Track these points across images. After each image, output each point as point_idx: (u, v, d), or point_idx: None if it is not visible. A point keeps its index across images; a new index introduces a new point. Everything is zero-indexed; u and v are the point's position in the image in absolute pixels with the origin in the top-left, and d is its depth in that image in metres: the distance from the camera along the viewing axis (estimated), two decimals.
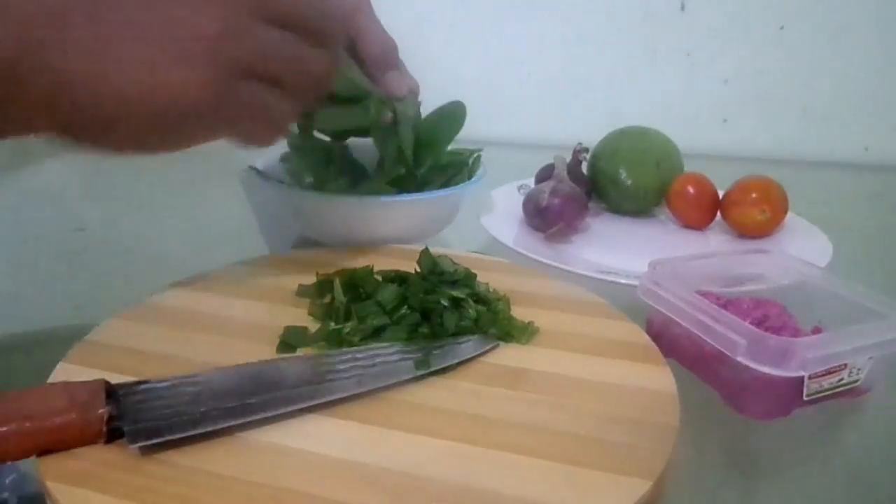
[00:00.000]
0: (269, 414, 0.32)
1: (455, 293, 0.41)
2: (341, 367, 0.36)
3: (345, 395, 0.34)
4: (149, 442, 0.29)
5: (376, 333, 0.39)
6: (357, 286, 0.42)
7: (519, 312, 0.42)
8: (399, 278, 0.43)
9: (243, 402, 0.32)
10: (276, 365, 0.36)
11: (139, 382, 0.33)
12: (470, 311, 0.41)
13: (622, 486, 0.29)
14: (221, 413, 0.31)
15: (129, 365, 0.36)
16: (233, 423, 0.31)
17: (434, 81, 1.14)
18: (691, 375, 0.41)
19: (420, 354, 0.37)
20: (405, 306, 0.41)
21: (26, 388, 0.30)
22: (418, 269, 0.45)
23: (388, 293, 0.41)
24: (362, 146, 0.58)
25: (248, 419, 0.31)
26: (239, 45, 0.33)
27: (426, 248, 0.46)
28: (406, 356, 0.37)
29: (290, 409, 0.32)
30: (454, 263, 0.45)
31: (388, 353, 0.37)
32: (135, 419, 0.30)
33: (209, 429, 0.31)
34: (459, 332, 0.40)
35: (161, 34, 0.31)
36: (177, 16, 0.31)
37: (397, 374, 0.36)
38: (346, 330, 0.39)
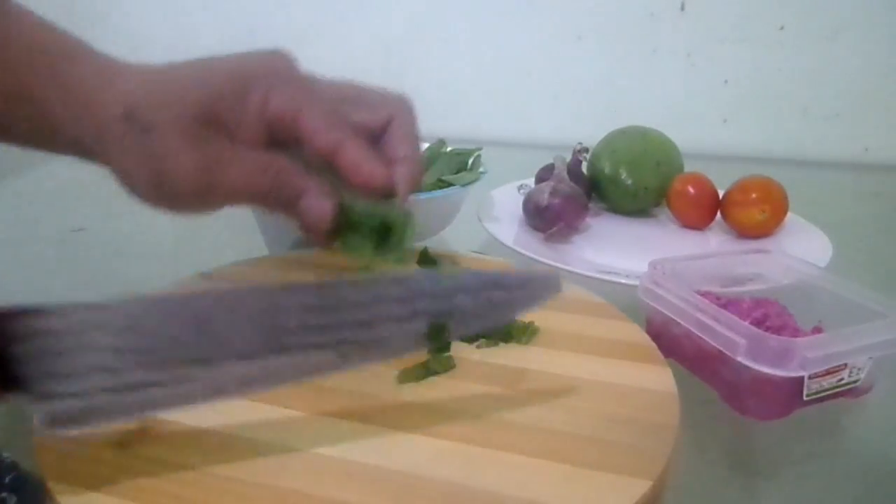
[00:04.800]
0: (217, 399, 0.27)
1: None
2: (324, 320, 0.29)
3: (324, 373, 0.28)
4: (63, 429, 0.25)
5: None
6: None
7: None
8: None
9: (187, 375, 0.26)
10: (230, 304, 0.28)
11: (24, 311, 0.26)
12: None
13: (622, 486, 0.29)
14: (153, 393, 0.25)
15: None
16: (169, 407, 0.26)
17: (434, 82, 1.14)
18: (691, 375, 0.41)
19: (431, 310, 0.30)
20: None
21: None
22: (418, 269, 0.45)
23: None
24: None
25: (191, 404, 0.26)
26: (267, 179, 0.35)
27: (426, 248, 0.46)
28: (414, 312, 0.30)
29: (247, 390, 0.27)
30: (454, 263, 0.45)
31: (390, 303, 0.30)
32: (38, 387, 0.25)
33: (138, 413, 0.26)
34: None
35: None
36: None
37: (396, 346, 0.30)
38: None
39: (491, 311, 0.32)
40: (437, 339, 0.31)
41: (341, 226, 0.36)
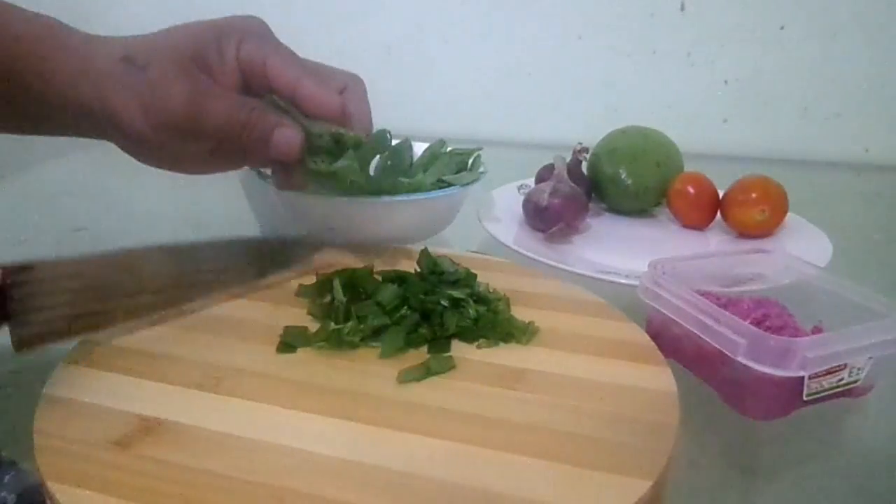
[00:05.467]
0: (134, 318, 0.39)
1: (455, 293, 0.41)
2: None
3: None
4: (28, 349, 0.34)
5: (376, 333, 0.39)
6: (357, 286, 0.42)
7: (519, 312, 0.42)
8: (399, 278, 0.43)
9: (117, 306, 0.38)
10: (142, 261, 0.40)
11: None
12: (470, 311, 0.41)
13: (622, 486, 0.29)
14: (96, 317, 0.37)
15: (128, 365, 0.36)
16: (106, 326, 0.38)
17: (434, 82, 1.14)
18: (691, 375, 0.41)
19: None
20: (405, 306, 0.40)
21: None
22: (418, 269, 0.45)
23: (388, 293, 0.41)
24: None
25: (119, 322, 0.38)
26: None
27: (426, 248, 0.46)
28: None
29: (155, 311, 0.40)
30: (454, 263, 0.45)
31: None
32: (19, 318, 0.34)
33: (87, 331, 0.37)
34: (459, 333, 0.40)
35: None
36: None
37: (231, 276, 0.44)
38: (346, 330, 0.39)
39: None
40: None
41: (308, 150, 0.44)
